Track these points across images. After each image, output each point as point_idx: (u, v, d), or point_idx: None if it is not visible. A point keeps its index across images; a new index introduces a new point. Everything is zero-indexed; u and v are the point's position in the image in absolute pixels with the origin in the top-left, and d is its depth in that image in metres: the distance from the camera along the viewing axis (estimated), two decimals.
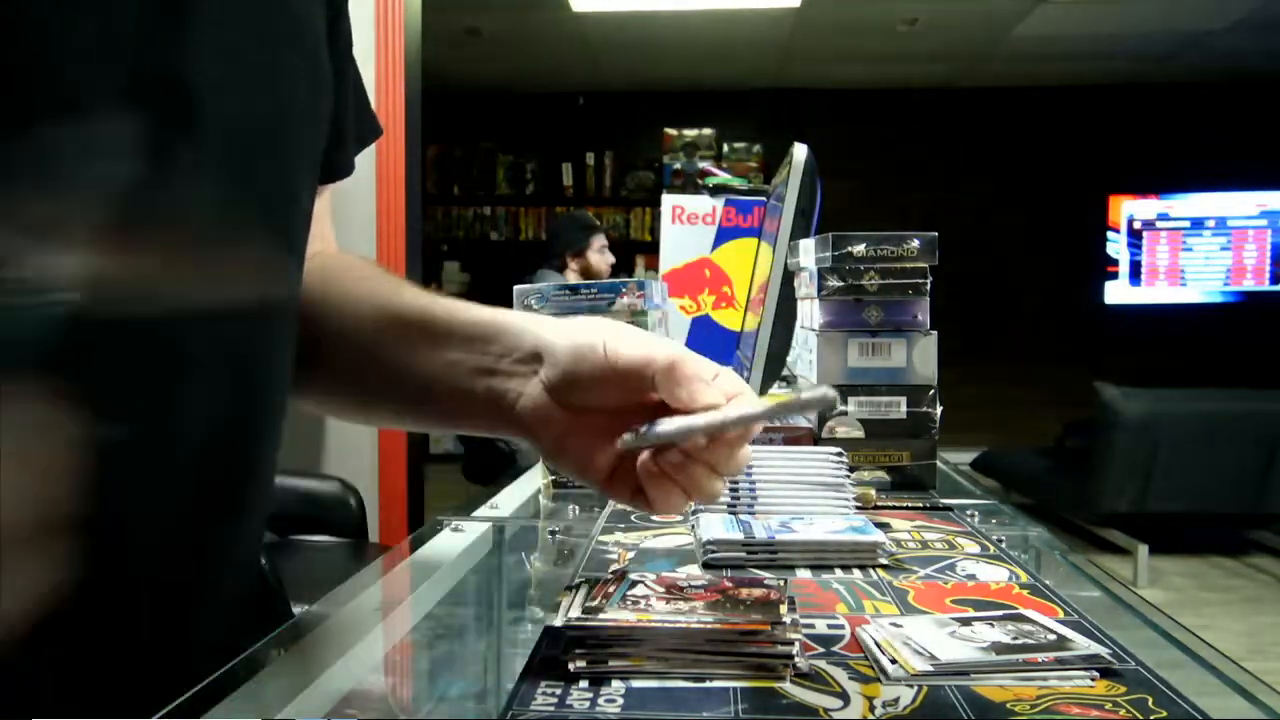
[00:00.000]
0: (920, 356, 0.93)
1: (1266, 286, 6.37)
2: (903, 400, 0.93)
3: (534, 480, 1.01)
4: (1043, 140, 6.53)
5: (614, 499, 0.56)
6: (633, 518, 0.79)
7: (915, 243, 0.93)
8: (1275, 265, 6.38)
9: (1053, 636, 0.49)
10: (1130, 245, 6.46)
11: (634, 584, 0.54)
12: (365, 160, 2.67)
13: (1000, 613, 0.53)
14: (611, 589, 0.53)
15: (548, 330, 0.57)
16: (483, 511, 0.89)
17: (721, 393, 0.50)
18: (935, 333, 0.94)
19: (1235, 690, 0.46)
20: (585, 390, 0.54)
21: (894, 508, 0.84)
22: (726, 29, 5.27)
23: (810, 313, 1.01)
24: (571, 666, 0.46)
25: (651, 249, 6.18)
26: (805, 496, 0.76)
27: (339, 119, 0.64)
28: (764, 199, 1.49)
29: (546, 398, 0.56)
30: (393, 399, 0.65)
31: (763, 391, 1.14)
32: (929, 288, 0.93)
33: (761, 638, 0.46)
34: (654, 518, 0.76)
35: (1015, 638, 0.49)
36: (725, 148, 6.57)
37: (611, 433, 0.54)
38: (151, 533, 0.51)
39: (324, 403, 0.69)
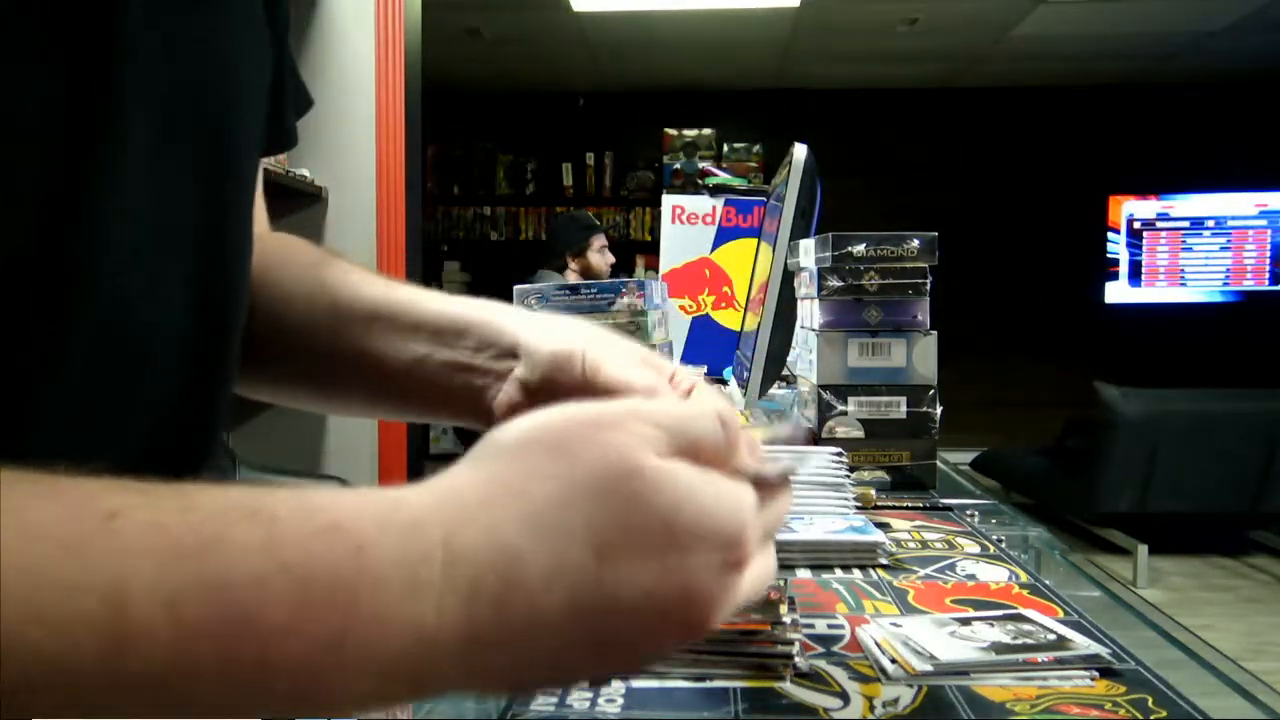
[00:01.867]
0: (920, 356, 0.93)
1: (1266, 286, 6.38)
2: (903, 400, 0.93)
3: None
4: (1043, 140, 6.53)
5: None
6: None
7: (915, 243, 0.93)
8: (1275, 265, 6.39)
9: (1052, 636, 0.49)
10: (1130, 245, 6.47)
11: None
12: (365, 160, 2.67)
13: (1000, 613, 0.54)
14: None
15: (525, 328, 0.56)
16: None
17: None
18: (935, 333, 0.94)
19: (1235, 690, 0.46)
20: (563, 399, 0.53)
21: (894, 508, 0.85)
22: (726, 29, 5.27)
23: (810, 313, 1.01)
24: None
25: (651, 249, 6.18)
26: (805, 496, 0.76)
27: (279, 89, 0.62)
28: (764, 199, 1.49)
29: (521, 397, 0.55)
30: (355, 390, 0.63)
31: (762, 393, 1.14)
32: (929, 288, 0.93)
33: (761, 638, 0.46)
34: None
35: (1015, 638, 0.49)
36: (725, 148, 6.57)
37: None
38: None
39: (277, 393, 0.66)
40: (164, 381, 0.48)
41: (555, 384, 0.53)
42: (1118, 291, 6.49)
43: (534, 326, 0.56)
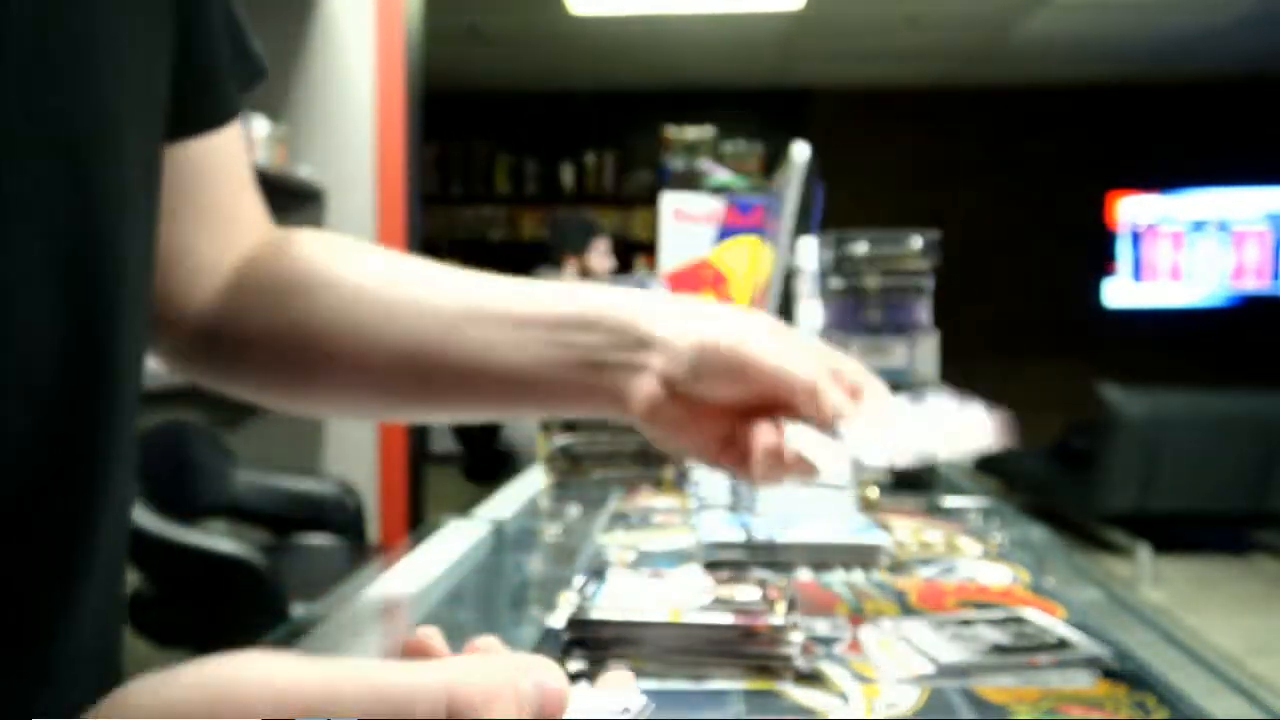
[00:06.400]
0: (921, 356, 0.93)
1: (1268, 288, 6.37)
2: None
3: (534, 480, 1.01)
4: (1043, 140, 6.53)
5: (718, 468, 0.52)
6: (632, 518, 0.79)
7: (916, 242, 0.93)
8: (1278, 267, 6.38)
9: (1054, 637, 0.49)
10: (1131, 245, 6.46)
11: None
12: (365, 160, 2.67)
13: (1002, 614, 0.53)
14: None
15: (661, 317, 0.51)
16: (483, 511, 0.89)
17: (861, 411, 0.48)
18: (936, 332, 0.93)
19: (1235, 690, 0.46)
20: (710, 391, 0.50)
21: (895, 509, 0.84)
22: (727, 29, 5.27)
23: (810, 313, 1.01)
24: (571, 667, 0.46)
25: (652, 249, 6.17)
26: (807, 497, 0.76)
27: (205, 56, 0.54)
28: (764, 199, 1.49)
29: (661, 391, 0.51)
30: (458, 395, 0.57)
31: None
32: (930, 288, 0.93)
33: (762, 639, 0.46)
34: (655, 519, 0.76)
35: (1017, 639, 0.49)
36: (726, 147, 6.56)
37: (728, 415, 0.50)
38: None
39: (355, 409, 0.60)
40: (27, 390, 0.41)
41: (700, 378, 0.50)
42: (1118, 291, 6.49)
43: (668, 313, 0.52)
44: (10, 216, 0.39)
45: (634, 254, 6.33)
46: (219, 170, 0.57)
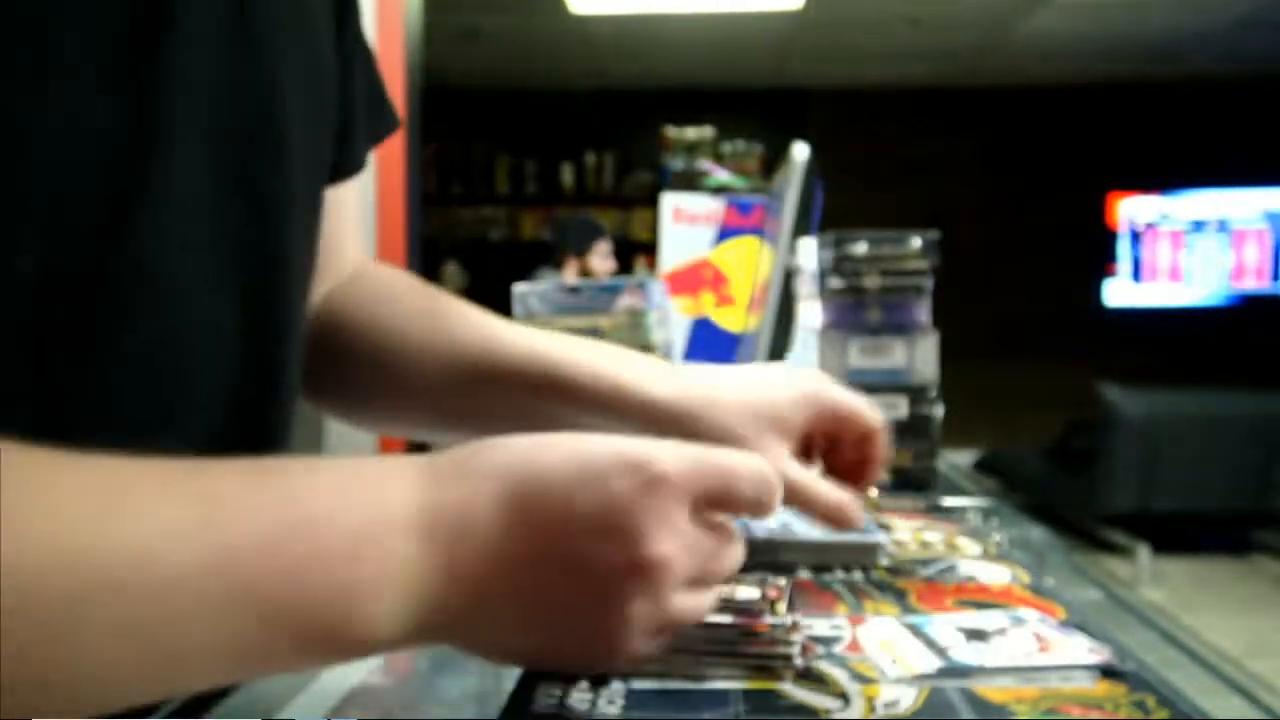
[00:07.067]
0: (921, 356, 0.93)
1: (1268, 288, 6.37)
2: (903, 400, 0.92)
3: None
4: (1043, 140, 6.53)
5: None
6: None
7: (916, 242, 0.93)
8: (1277, 266, 6.38)
9: (1054, 637, 0.49)
10: (1131, 245, 6.46)
11: None
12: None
13: (1001, 614, 0.53)
14: None
15: (716, 419, 0.59)
16: None
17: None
18: (936, 333, 0.93)
19: (1235, 690, 0.46)
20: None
21: (895, 509, 0.84)
22: (726, 29, 5.27)
23: (810, 313, 1.01)
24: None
25: (652, 249, 6.17)
26: None
27: (346, 112, 0.60)
28: (764, 199, 1.49)
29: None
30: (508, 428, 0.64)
31: None
32: (930, 288, 0.93)
33: (761, 638, 0.46)
34: None
35: (1016, 639, 0.49)
36: (726, 148, 6.56)
37: None
38: None
39: (414, 433, 0.67)
40: (212, 402, 0.46)
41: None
42: (1118, 291, 6.49)
43: (726, 411, 0.59)
44: (192, 246, 0.43)
45: (634, 254, 6.33)
46: (334, 212, 0.62)
